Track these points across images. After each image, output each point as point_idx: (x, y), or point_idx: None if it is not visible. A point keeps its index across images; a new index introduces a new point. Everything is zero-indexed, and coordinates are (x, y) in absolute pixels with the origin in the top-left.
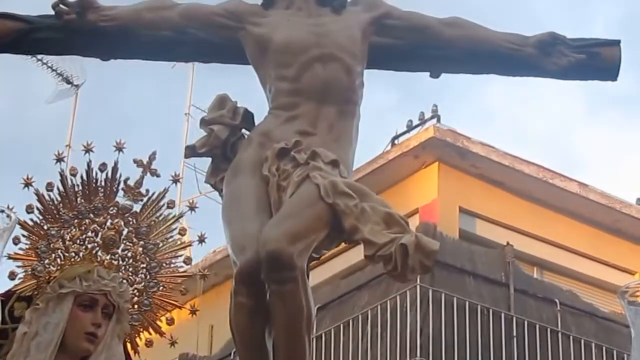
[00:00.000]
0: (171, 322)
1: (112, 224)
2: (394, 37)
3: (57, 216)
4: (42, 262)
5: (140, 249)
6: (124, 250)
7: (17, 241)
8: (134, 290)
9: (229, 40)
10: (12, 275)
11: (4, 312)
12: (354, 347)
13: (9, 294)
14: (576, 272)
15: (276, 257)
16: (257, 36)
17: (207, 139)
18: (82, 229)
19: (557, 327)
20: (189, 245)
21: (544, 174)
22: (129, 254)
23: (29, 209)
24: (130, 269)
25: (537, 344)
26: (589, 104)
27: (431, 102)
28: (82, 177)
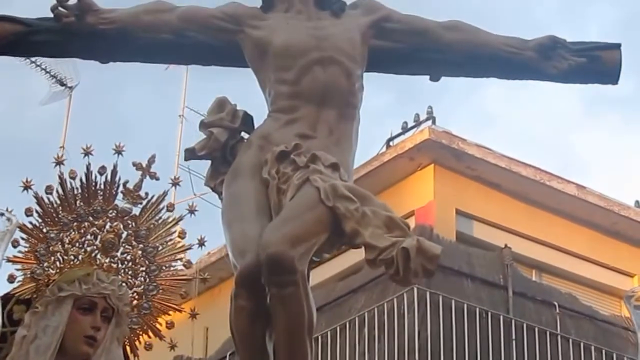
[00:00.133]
0: (171, 325)
1: (111, 227)
2: (394, 41)
3: (56, 219)
4: (41, 265)
5: (139, 252)
6: (123, 253)
7: (16, 244)
8: (133, 293)
9: (227, 43)
10: (11, 278)
11: (3, 315)
12: (350, 350)
13: (7, 297)
14: (575, 275)
15: (277, 260)
16: (256, 39)
17: (206, 142)
18: (82, 232)
19: (556, 330)
20: (188, 248)
21: (541, 176)
22: (128, 257)
23: (28, 212)
24: (129, 272)
25: (536, 347)
26: (587, 106)
27: (426, 103)
28: (81, 180)
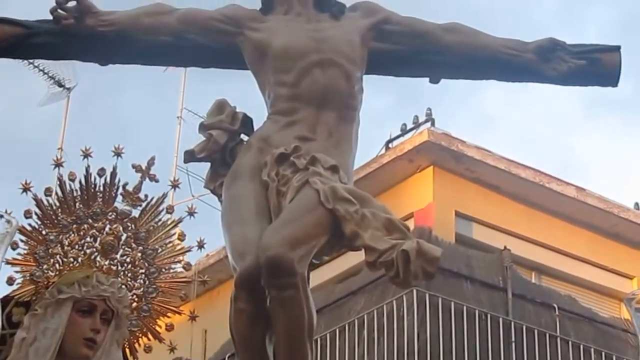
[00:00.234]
0: (170, 327)
1: (110, 229)
2: (393, 43)
3: (55, 221)
4: (40, 267)
5: (139, 255)
6: (122, 255)
7: (15, 246)
8: (132, 295)
9: (227, 45)
10: (11, 280)
11: (3, 317)
12: (350, 352)
13: (7, 300)
14: (574, 277)
15: (276, 262)
16: (255, 41)
17: (206, 144)
18: (81, 234)
19: (555, 332)
20: (188, 250)
21: (540, 178)
22: (128, 260)
23: (27, 214)
24: (129, 275)
25: (536, 349)
26: (587, 108)
27: (426, 105)
28: (80, 182)
